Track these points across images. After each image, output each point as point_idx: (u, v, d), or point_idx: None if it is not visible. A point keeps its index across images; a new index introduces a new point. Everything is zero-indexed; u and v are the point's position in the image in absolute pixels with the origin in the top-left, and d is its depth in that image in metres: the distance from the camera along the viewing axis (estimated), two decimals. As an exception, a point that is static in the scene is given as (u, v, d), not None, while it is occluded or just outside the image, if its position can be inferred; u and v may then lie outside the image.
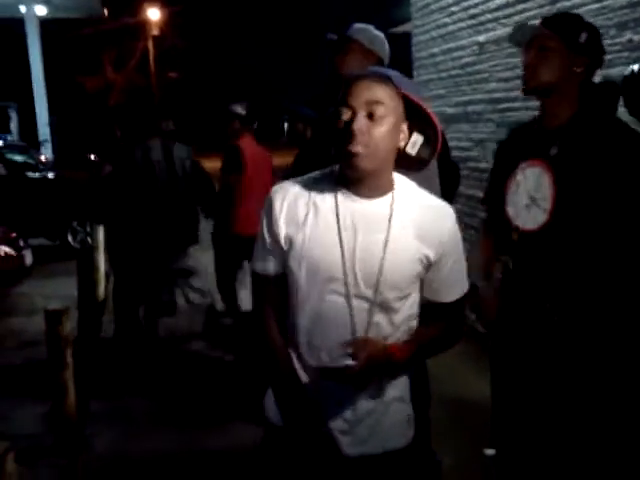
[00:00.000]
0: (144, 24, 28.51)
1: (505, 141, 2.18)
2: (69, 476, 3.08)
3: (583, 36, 1.86)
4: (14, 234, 6.18)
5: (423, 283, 1.50)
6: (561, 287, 1.87)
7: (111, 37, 25.36)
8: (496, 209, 2.11)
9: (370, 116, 1.39)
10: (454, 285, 1.53)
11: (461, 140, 5.08)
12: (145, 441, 3.40)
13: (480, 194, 4.78)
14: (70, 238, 8.43)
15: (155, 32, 29.04)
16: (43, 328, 3.40)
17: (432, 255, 1.45)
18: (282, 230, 1.46)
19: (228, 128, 4.42)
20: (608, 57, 3.76)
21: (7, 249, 5.85)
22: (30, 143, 12.13)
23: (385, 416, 1.52)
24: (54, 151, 13.55)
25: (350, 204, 1.44)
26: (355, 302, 1.44)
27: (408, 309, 1.49)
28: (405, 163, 1.52)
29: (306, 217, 1.45)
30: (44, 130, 13.50)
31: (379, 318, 1.45)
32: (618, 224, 1.80)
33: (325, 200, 1.46)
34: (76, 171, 10.78)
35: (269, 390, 1.58)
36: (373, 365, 1.40)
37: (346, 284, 1.43)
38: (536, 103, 4.12)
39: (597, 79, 3.20)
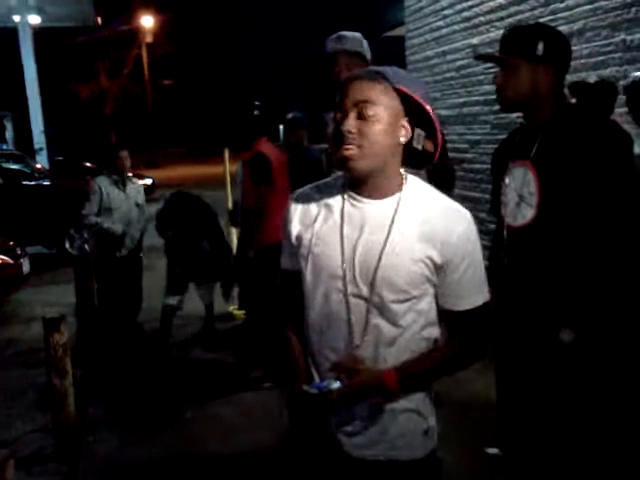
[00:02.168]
0: (137, 32, 28.54)
1: (498, 146, 2.24)
2: (70, 483, 3.07)
3: (540, 46, 1.90)
4: (11, 242, 6.18)
5: (437, 290, 1.46)
6: (552, 281, 1.90)
7: (105, 45, 25.38)
8: (493, 208, 2.16)
9: (360, 116, 1.39)
10: (467, 292, 1.46)
11: (456, 142, 5.10)
12: (145, 447, 3.39)
13: (475, 194, 4.81)
14: (67, 245, 8.41)
15: (149, 39, 29.06)
16: (41, 336, 3.40)
17: (437, 257, 1.41)
18: (294, 229, 1.53)
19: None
20: (601, 58, 3.80)
21: (4, 257, 5.84)
22: (26, 152, 12.11)
23: (392, 425, 1.49)
24: (49, 159, 13.51)
25: (355, 204, 1.46)
26: (353, 300, 1.44)
27: (416, 315, 1.44)
28: (414, 159, 1.50)
29: (316, 217, 1.51)
30: (39, 138, 13.46)
31: (378, 320, 1.43)
32: (599, 216, 1.84)
33: (334, 201, 1.50)
34: (72, 178, 10.77)
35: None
36: (361, 392, 1.42)
37: (344, 281, 1.44)
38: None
39: (592, 79, 3.23)
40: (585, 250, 1.84)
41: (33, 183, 9.16)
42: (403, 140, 1.44)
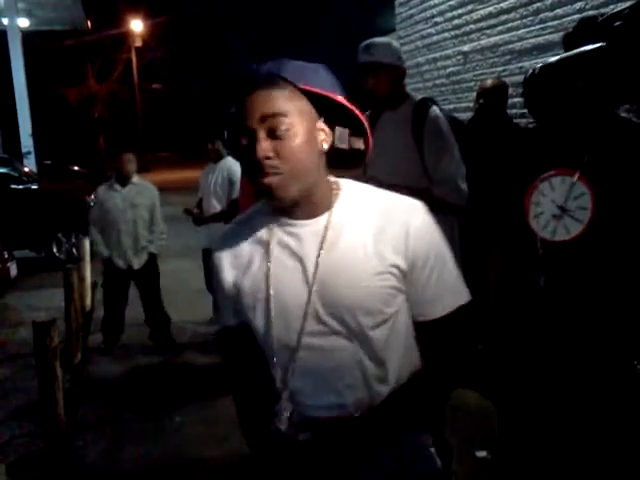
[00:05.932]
0: (127, 36, 28.49)
1: (513, 151, 2.11)
2: (59, 488, 3.05)
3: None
4: (-1, 246, 6.13)
5: (409, 303, 1.24)
6: (599, 299, 1.79)
7: (94, 49, 25.28)
8: (511, 219, 1.99)
9: (272, 134, 1.13)
10: (442, 294, 1.24)
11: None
12: (135, 451, 3.37)
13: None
14: (55, 249, 8.37)
15: (138, 43, 29.02)
16: (29, 340, 3.38)
17: (402, 263, 1.19)
18: (228, 277, 1.27)
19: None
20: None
21: (-9, 261, 5.80)
22: (13, 155, 12.01)
23: None
24: (37, 163, 13.41)
25: (291, 230, 1.23)
26: (331, 338, 1.21)
27: (394, 341, 1.23)
28: (342, 161, 1.27)
29: (251, 257, 1.25)
30: (27, 142, 13.37)
31: (360, 355, 1.21)
32: None
33: (265, 232, 1.25)
34: (60, 182, 10.69)
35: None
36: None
37: (316, 319, 1.20)
38: (520, 111, 4.20)
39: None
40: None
41: (21, 187, 9.09)
42: (326, 146, 1.20)
